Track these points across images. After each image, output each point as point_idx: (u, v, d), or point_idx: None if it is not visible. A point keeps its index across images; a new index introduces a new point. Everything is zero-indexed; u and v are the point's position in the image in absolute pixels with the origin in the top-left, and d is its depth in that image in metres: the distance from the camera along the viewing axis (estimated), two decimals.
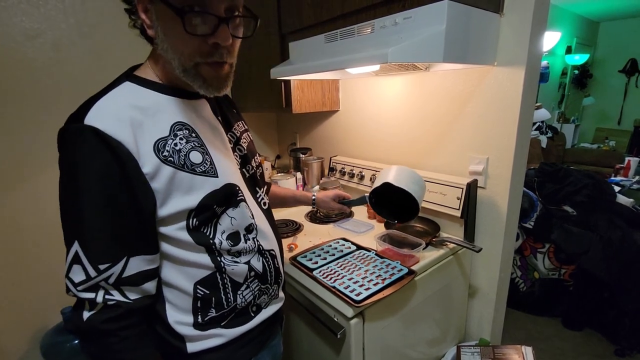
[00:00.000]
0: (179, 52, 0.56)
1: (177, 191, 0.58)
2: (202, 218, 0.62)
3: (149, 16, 0.55)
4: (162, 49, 0.57)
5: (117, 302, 0.56)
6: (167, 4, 0.52)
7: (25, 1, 1.33)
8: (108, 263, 0.55)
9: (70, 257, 0.54)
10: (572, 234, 1.84)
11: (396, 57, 0.82)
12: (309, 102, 1.61)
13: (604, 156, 3.99)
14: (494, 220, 1.20)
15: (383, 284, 0.94)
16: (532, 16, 0.99)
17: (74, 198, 0.53)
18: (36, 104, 1.42)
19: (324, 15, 1.19)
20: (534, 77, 1.09)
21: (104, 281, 0.55)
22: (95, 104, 0.54)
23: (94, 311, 0.55)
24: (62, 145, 0.54)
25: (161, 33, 0.56)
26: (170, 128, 0.59)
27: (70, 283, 0.55)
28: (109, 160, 0.52)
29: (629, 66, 4.95)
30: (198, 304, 0.66)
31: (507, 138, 1.11)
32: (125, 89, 0.58)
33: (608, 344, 1.82)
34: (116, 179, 0.53)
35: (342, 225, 1.40)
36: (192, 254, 0.63)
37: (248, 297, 0.71)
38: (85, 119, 0.52)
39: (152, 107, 0.58)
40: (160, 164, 0.56)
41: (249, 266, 0.70)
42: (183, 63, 0.57)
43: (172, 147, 0.58)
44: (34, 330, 1.54)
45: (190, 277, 0.65)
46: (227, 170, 0.66)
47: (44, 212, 1.50)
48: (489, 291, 1.28)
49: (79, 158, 0.52)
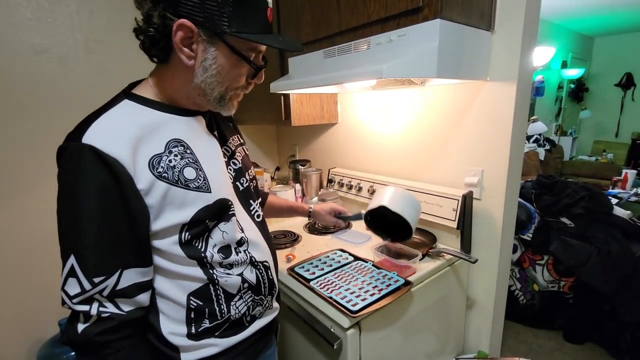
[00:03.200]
0: (224, 85, 0.64)
1: (170, 206, 0.60)
2: (194, 232, 0.64)
3: (194, 49, 0.59)
4: (201, 80, 0.61)
5: (111, 314, 0.57)
6: (233, 49, 0.60)
7: (35, 18, 1.38)
8: (103, 276, 0.56)
9: (66, 271, 0.55)
10: (570, 245, 1.84)
11: (391, 73, 0.85)
12: (308, 115, 1.65)
13: (601, 169, 4.01)
14: (490, 232, 1.21)
15: (379, 294, 0.95)
16: (522, 33, 1.03)
17: (70, 213, 0.55)
18: (42, 117, 1.45)
19: (322, 32, 1.23)
20: (526, 91, 1.12)
21: (99, 294, 0.56)
22: (93, 123, 0.56)
23: (88, 323, 0.56)
24: (60, 162, 0.56)
25: (210, 68, 0.60)
26: (166, 145, 0.61)
27: (66, 296, 0.56)
28: (105, 177, 0.54)
29: (625, 80, 5.03)
30: (191, 315, 0.67)
31: (501, 150, 1.13)
32: (124, 107, 0.61)
33: (609, 358, 1.80)
34: (112, 195, 0.55)
35: (340, 237, 1.41)
36: (185, 267, 0.65)
37: (242, 308, 0.72)
38: (84, 137, 0.54)
39: (150, 124, 0.61)
40: (155, 179, 0.58)
41: (242, 278, 0.71)
42: (222, 93, 0.64)
43: (166, 164, 0.60)
44: (32, 341, 1.54)
45: (184, 288, 0.66)
46: (220, 185, 0.68)
47: (42, 223, 1.51)
48: (486, 303, 1.28)
49: (77, 175, 0.54)
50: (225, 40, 0.59)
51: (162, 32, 0.57)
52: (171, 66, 0.62)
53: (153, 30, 0.57)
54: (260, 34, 0.61)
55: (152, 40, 0.59)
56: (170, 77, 0.63)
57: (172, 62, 0.62)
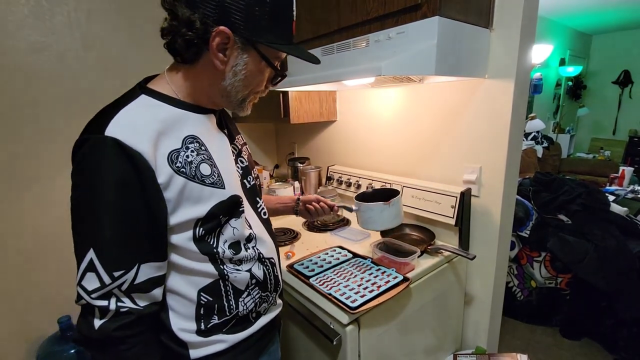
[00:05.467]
0: (248, 89, 0.67)
1: (187, 201, 0.61)
2: (207, 227, 0.64)
3: (227, 54, 0.61)
4: (229, 83, 0.64)
5: (129, 309, 0.57)
6: (264, 57, 0.63)
7: (32, 16, 1.37)
8: (122, 270, 0.56)
9: (84, 265, 0.54)
10: (567, 242, 1.86)
11: (389, 70, 0.85)
12: (307, 112, 1.65)
13: (599, 166, 4.03)
14: (488, 228, 1.22)
15: (378, 290, 0.96)
16: (520, 31, 1.03)
17: (90, 206, 0.55)
18: (40, 115, 1.44)
19: (321, 29, 1.23)
20: (524, 89, 1.12)
21: (117, 288, 0.56)
22: (115, 116, 0.56)
23: (105, 319, 0.56)
24: (79, 155, 0.55)
25: (239, 72, 0.64)
26: (182, 141, 0.62)
27: (84, 291, 0.55)
28: (128, 170, 0.54)
29: (622, 77, 5.05)
30: (201, 311, 0.68)
31: (498, 147, 1.14)
32: (143, 102, 0.61)
33: (606, 354, 1.82)
34: (134, 189, 0.55)
35: (339, 234, 1.42)
36: (197, 263, 0.66)
37: (249, 304, 0.73)
38: (106, 130, 0.54)
39: (168, 120, 0.61)
40: (174, 174, 0.59)
41: (250, 274, 0.72)
42: (245, 95, 0.68)
43: (184, 159, 0.61)
44: (31, 340, 1.54)
45: (195, 284, 0.67)
46: (232, 182, 0.69)
47: (42, 222, 1.51)
48: (484, 299, 1.29)
49: (98, 167, 0.54)
50: (257, 48, 0.62)
51: (201, 37, 0.58)
52: (198, 67, 0.63)
53: (192, 34, 0.58)
54: (287, 45, 0.65)
55: (187, 43, 0.59)
56: (194, 77, 0.65)
57: (200, 64, 0.63)
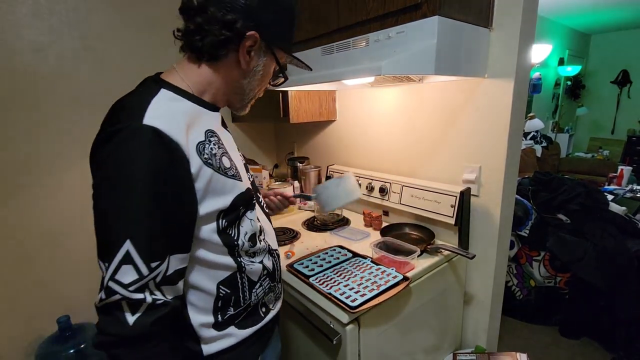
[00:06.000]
0: (259, 87, 0.74)
1: (212, 192, 0.63)
2: (229, 219, 0.67)
3: (252, 56, 0.67)
4: (247, 81, 0.70)
5: (164, 301, 0.56)
6: (277, 60, 0.71)
7: (31, 15, 1.37)
8: (158, 261, 0.55)
9: (119, 258, 0.52)
10: (566, 242, 1.86)
11: (389, 70, 0.85)
12: (307, 112, 1.65)
13: (598, 165, 4.03)
14: (488, 228, 1.22)
15: (378, 290, 0.96)
16: (519, 31, 1.03)
17: (126, 196, 0.53)
18: (39, 114, 1.44)
19: (320, 29, 1.23)
20: (523, 88, 1.13)
21: (152, 280, 0.54)
22: (149, 106, 0.56)
23: (139, 313, 0.53)
24: (112, 144, 0.54)
25: (257, 72, 0.70)
26: (205, 134, 0.64)
27: (119, 285, 0.52)
28: (166, 160, 0.55)
29: (621, 77, 5.06)
30: (219, 304, 0.69)
31: (498, 147, 1.14)
32: (166, 95, 0.61)
33: (605, 353, 1.82)
34: (171, 178, 0.56)
35: (339, 233, 1.42)
36: (219, 256, 0.67)
37: (260, 294, 0.76)
38: (144, 119, 0.54)
39: (192, 113, 0.63)
40: (202, 165, 0.60)
41: (262, 265, 0.76)
42: (254, 94, 0.75)
43: (209, 151, 0.63)
44: (30, 340, 1.54)
45: (215, 278, 0.68)
46: (244, 176, 0.73)
47: (40, 221, 1.51)
48: (484, 298, 1.29)
49: (137, 157, 0.53)
50: (274, 52, 0.69)
51: (235, 38, 0.63)
52: (220, 65, 0.67)
53: (230, 34, 0.62)
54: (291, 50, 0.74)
55: (221, 42, 0.63)
56: (214, 73, 0.67)
57: (223, 62, 0.66)
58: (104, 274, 0.53)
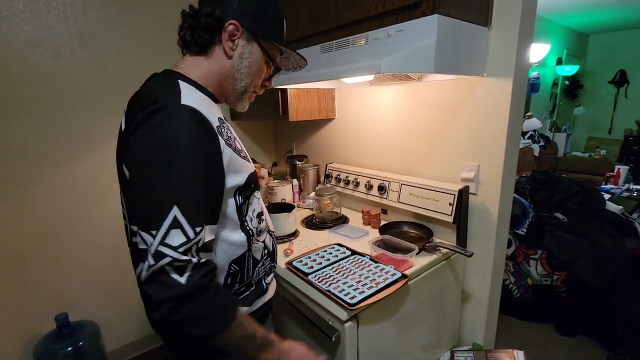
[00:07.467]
0: (250, 78, 0.76)
1: (232, 170, 0.68)
2: (244, 195, 0.73)
3: (236, 44, 0.71)
4: (236, 69, 0.73)
5: (206, 259, 0.60)
6: (264, 51, 0.74)
7: (28, 10, 1.36)
8: (201, 226, 0.59)
9: (167, 224, 0.56)
10: (563, 240, 1.87)
11: (389, 68, 0.85)
12: (306, 110, 1.65)
13: (595, 164, 4.05)
14: (486, 226, 1.22)
15: (377, 287, 0.96)
16: (518, 29, 1.03)
17: (172, 166, 0.57)
18: (35, 110, 1.43)
19: (320, 27, 1.23)
20: (522, 87, 1.13)
21: (196, 244, 0.58)
22: (181, 91, 0.63)
23: (188, 272, 0.57)
24: (153, 121, 0.59)
25: (244, 59, 0.73)
26: (218, 120, 0.70)
27: (169, 248, 0.55)
28: (205, 134, 0.62)
29: (619, 77, 5.08)
30: (228, 280, 0.74)
31: (496, 145, 1.14)
32: (185, 85, 0.67)
33: (601, 351, 1.84)
34: (209, 152, 0.62)
35: (338, 231, 1.42)
36: (234, 232, 0.72)
37: (262, 273, 0.82)
38: (182, 100, 0.61)
39: (207, 101, 0.70)
40: (225, 144, 0.66)
41: (264, 244, 0.81)
42: (246, 86, 0.76)
43: (227, 133, 0.70)
44: (28, 337, 1.53)
45: (228, 256, 0.72)
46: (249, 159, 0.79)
47: (39, 220, 1.50)
48: (481, 296, 1.30)
49: (180, 130, 0.58)
50: (259, 42, 0.73)
51: (217, 25, 0.68)
52: (209, 56, 0.72)
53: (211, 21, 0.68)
54: (281, 44, 0.77)
55: (205, 30, 0.69)
56: (207, 65, 0.73)
57: (211, 53, 0.72)
58: (150, 242, 0.56)
